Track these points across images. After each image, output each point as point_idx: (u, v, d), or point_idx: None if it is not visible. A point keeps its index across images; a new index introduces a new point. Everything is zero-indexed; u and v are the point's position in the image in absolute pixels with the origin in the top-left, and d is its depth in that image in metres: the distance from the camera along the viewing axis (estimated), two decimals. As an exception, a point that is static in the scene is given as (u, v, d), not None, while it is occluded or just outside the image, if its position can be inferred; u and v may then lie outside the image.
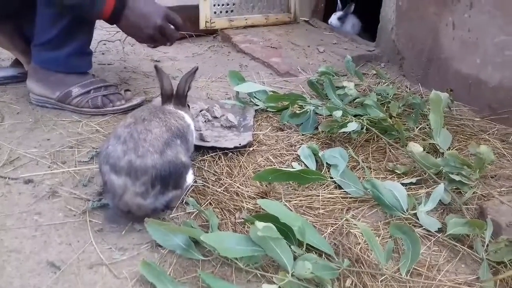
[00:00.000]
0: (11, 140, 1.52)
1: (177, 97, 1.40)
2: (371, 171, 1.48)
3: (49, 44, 1.67)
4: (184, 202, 1.26)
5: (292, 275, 0.98)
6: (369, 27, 2.87)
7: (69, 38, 1.68)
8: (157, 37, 1.63)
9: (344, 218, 1.24)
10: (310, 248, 1.09)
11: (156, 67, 1.45)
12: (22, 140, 1.53)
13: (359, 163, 1.51)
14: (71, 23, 1.64)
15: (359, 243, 1.15)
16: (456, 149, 1.60)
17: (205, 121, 1.69)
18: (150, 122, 1.18)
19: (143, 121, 1.18)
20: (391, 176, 1.46)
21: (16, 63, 2.02)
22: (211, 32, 2.99)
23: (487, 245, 1.13)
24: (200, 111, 1.76)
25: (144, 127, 1.15)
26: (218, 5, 2.93)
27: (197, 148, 1.51)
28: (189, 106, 1.51)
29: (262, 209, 1.16)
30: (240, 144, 1.51)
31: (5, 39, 1.92)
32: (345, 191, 1.37)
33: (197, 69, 1.43)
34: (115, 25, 1.60)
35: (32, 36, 1.72)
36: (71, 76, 1.74)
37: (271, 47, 2.70)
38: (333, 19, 3.20)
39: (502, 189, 1.40)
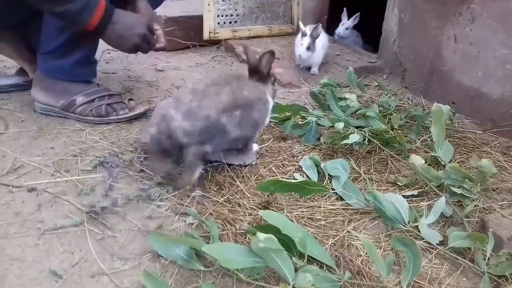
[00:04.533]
0: (15, 148, 1.53)
1: (259, 74, 1.51)
2: (373, 183, 1.48)
3: (55, 53, 1.69)
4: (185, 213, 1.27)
5: (293, 287, 0.98)
6: (370, 39, 2.89)
7: (75, 47, 1.70)
8: (142, 45, 1.67)
9: (346, 230, 1.24)
10: (311, 260, 1.09)
11: (244, 47, 1.60)
12: (26, 148, 1.54)
13: (360, 174, 1.51)
14: (77, 32, 1.66)
15: (361, 255, 1.16)
16: (457, 162, 1.60)
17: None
18: (223, 88, 1.36)
19: (217, 85, 1.37)
20: (392, 188, 1.47)
21: (21, 72, 2.04)
22: (214, 42, 3.01)
23: (488, 259, 1.13)
24: None
25: (215, 91, 1.34)
26: (222, 16, 2.95)
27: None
28: (274, 80, 1.66)
29: (264, 220, 1.16)
30: (244, 163, 1.52)
31: (11, 48, 1.94)
32: (346, 202, 1.37)
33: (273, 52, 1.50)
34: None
35: (37, 45, 1.74)
36: (75, 85, 1.75)
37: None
38: (341, 30, 3.20)
39: (503, 202, 1.41)
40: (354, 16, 3.16)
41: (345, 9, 3.17)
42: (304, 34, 2.34)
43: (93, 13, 1.51)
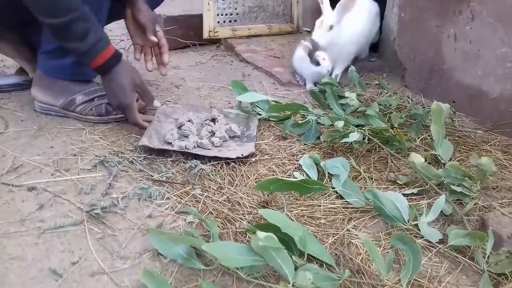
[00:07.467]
0: (15, 147, 1.53)
1: None
2: (373, 181, 1.48)
3: (56, 52, 1.69)
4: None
5: (293, 286, 0.98)
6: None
7: (75, 46, 1.69)
8: (133, 106, 1.64)
9: (346, 229, 1.24)
10: (311, 258, 1.09)
11: None
12: (26, 147, 1.54)
13: (360, 173, 1.51)
14: None
15: (360, 254, 1.16)
16: (457, 160, 1.60)
17: (209, 132, 1.68)
18: None
19: None
20: (392, 186, 1.47)
21: (21, 71, 2.05)
22: (214, 41, 3.01)
23: (488, 257, 1.13)
24: (205, 120, 1.76)
25: None
26: (222, 14, 2.96)
27: (199, 157, 1.52)
28: None
29: (264, 218, 1.16)
30: (242, 155, 1.52)
31: (10, 47, 1.94)
32: (346, 201, 1.37)
33: None
34: (118, 36, 1.62)
35: (38, 44, 1.74)
36: (75, 84, 1.75)
37: (273, 56, 2.72)
38: None
39: (503, 200, 1.41)
40: None
41: None
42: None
43: (99, 54, 1.53)
